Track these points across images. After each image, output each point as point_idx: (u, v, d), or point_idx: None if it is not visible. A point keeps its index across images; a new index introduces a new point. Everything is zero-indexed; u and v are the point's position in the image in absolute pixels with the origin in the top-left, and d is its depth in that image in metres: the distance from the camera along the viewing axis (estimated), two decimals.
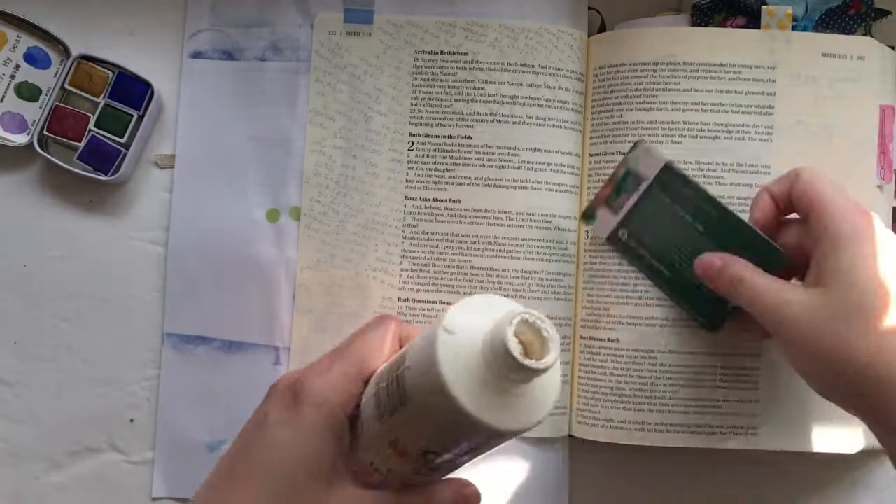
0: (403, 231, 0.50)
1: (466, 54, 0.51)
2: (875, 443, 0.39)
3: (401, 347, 0.38)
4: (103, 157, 0.50)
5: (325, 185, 0.51)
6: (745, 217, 0.45)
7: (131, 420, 0.51)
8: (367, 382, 0.37)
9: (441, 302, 0.50)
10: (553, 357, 0.30)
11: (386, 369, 0.35)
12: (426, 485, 0.37)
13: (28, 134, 0.50)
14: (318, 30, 0.51)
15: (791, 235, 0.43)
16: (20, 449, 0.50)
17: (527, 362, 0.29)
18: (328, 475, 0.35)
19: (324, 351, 0.38)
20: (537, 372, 0.30)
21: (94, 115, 0.50)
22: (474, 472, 0.50)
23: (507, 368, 0.30)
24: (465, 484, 0.38)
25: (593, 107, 0.51)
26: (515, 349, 0.29)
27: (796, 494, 0.51)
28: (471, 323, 0.31)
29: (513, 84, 0.50)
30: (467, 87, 0.51)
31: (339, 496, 0.35)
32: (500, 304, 0.33)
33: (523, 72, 0.50)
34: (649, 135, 0.49)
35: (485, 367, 0.31)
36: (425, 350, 0.32)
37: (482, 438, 0.33)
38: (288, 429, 0.35)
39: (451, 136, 0.51)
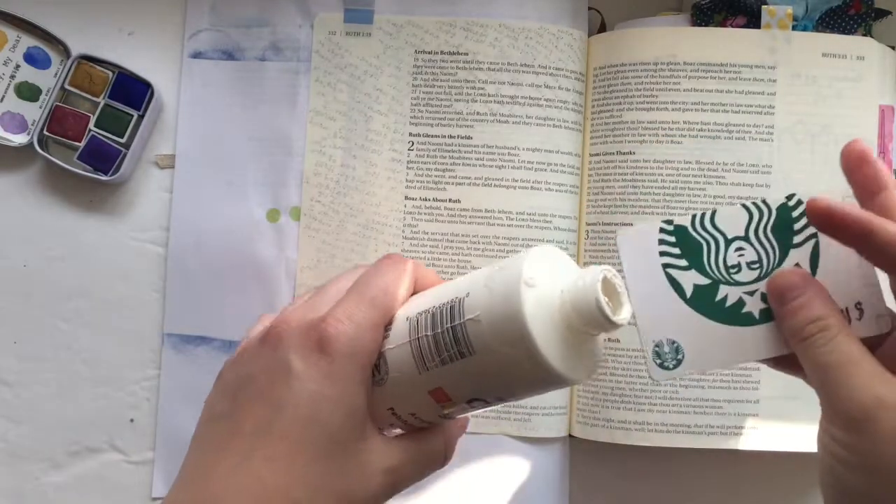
0: (403, 231, 0.50)
1: (466, 54, 0.51)
2: None
3: (415, 290, 0.37)
4: (103, 157, 0.50)
5: (325, 185, 0.51)
6: None
7: (131, 420, 0.51)
8: (386, 328, 0.35)
9: None
10: (629, 311, 0.32)
11: (427, 318, 0.34)
12: (437, 425, 0.37)
13: (28, 134, 0.50)
14: (318, 30, 0.51)
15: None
16: (20, 449, 0.50)
17: (616, 318, 0.31)
18: (362, 427, 0.34)
19: None
20: (619, 326, 0.31)
21: (94, 115, 0.50)
22: (474, 472, 0.50)
23: (594, 324, 0.31)
24: None
25: (593, 107, 0.51)
26: (607, 308, 0.30)
27: (796, 494, 0.51)
28: (547, 277, 0.32)
29: (513, 84, 0.50)
30: (467, 87, 0.50)
31: (370, 447, 0.34)
32: (563, 257, 0.34)
33: (523, 72, 0.50)
34: (649, 135, 0.49)
35: (563, 321, 0.31)
36: (502, 302, 0.31)
37: (546, 388, 0.33)
38: (325, 383, 0.33)
39: (451, 136, 0.50)
